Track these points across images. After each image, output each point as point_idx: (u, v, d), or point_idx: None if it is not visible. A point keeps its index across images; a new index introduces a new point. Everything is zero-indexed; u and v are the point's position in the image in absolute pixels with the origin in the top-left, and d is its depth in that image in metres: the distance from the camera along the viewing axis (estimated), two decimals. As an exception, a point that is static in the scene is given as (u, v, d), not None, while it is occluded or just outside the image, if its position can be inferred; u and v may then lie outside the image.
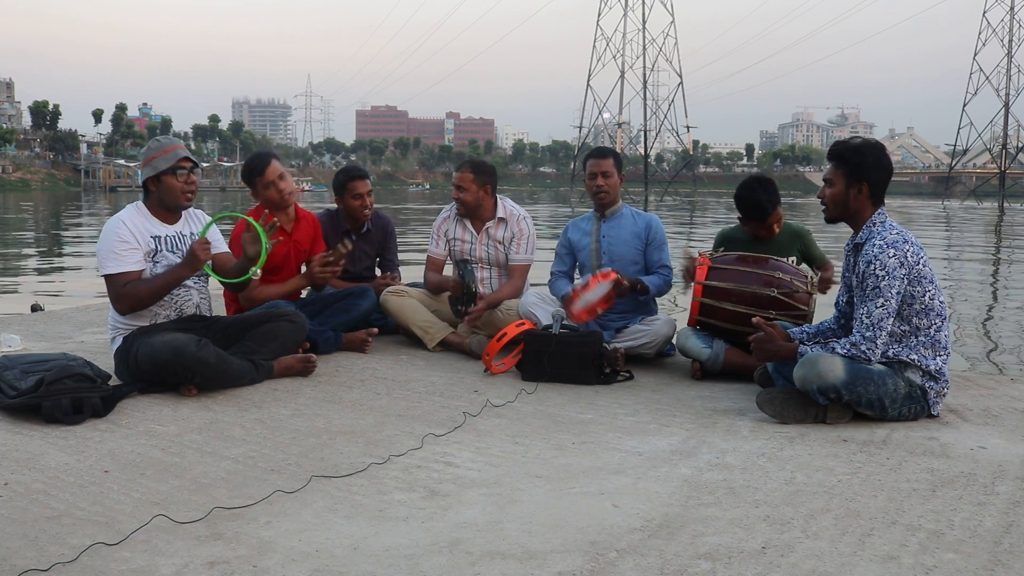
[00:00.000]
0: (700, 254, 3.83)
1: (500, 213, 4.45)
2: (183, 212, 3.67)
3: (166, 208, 3.58)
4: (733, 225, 4.19)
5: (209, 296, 3.82)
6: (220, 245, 3.77)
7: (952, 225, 32.74)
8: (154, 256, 3.51)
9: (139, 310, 3.48)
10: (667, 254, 4.21)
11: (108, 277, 3.44)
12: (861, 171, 3.05)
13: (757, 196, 3.88)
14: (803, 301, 3.62)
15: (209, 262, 3.55)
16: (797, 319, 3.58)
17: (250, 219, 3.53)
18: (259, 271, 3.56)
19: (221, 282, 3.74)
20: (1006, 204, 61.54)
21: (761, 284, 3.64)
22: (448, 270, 4.58)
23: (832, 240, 13.94)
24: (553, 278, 4.34)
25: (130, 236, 3.46)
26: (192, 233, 3.65)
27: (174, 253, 3.55)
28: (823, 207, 3.17)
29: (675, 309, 8.39)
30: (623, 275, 3.92)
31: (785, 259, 3.80)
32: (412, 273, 4.91)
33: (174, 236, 3.59)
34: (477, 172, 4.42)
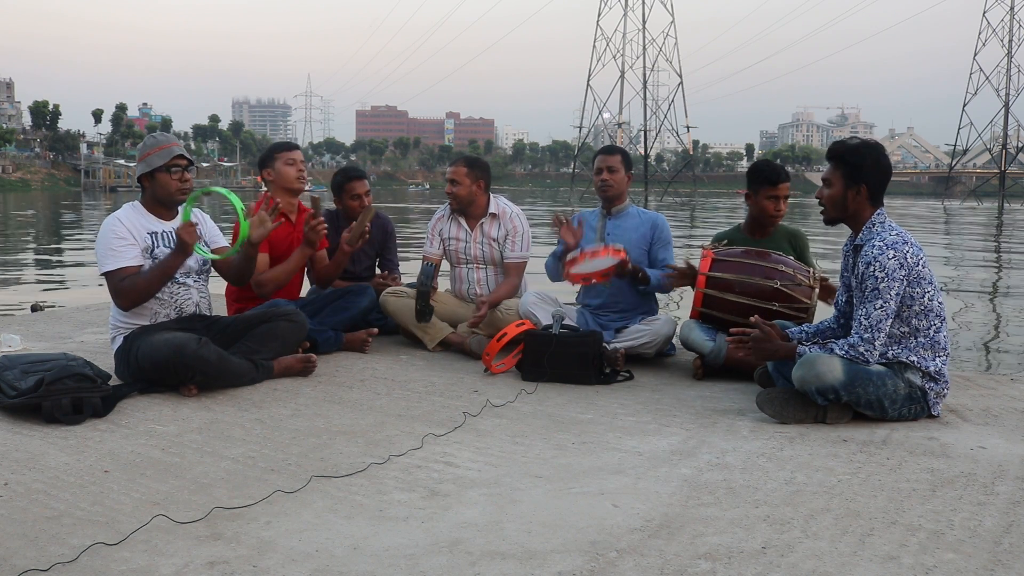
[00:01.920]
0: (704, 247, 3.85)
1: (492, 209, 4.46)
2: (179, 208, 3.67)
3: (161, 204, 3.59)
4: (730, 227, 4.21)
5: (209, 295, 3.82)
6: (219, 240, 3.78)
7: (952, 225, 32.73)
8: (152, 252, 3.52)
9: (140, 304, 3.48)
10: (671, 254, 4.22)
11: (107, 274, 3.45)
12: (860, 173, 3.05)
13: (770, 162, 4.14)
14: (805, 294, 3.63)
15: (203, 246, 3.55)
16: (799, 311, 3.59)
17: (229, 194, 3.55)
18: (245, 244, 3.56)
19: (216, 267, 3.71)
20: (1006, 204, 61.52)
21: (764, 276, 3.65)
22: (445, 267, 4.60)
23: (831, 241, 13.93)
24: (552, 258, 4.31)
25: (127, 233, 3.48)
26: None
27: (171, 248, 3.55)
28: (821, 208, 3.16)
29: (675, 310, 8.40)
30: (629, 258, 3.96)
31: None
32: (411, 273, 4.90)
33: (171, 232, 3.59)
34: (471, 166, 4.45)
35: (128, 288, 3.42)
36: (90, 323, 5.17)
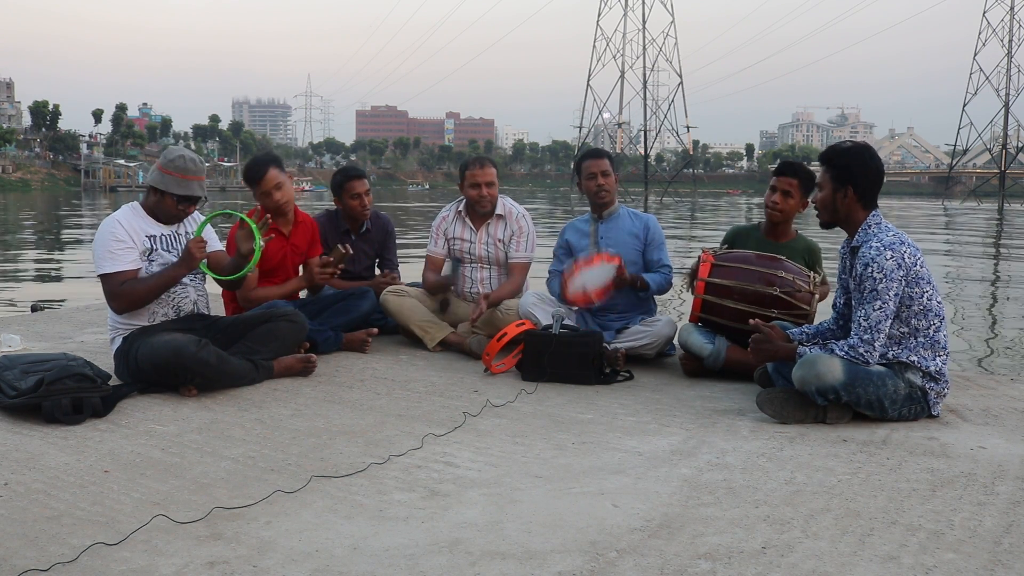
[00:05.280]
0: (704, 251, 3.84)
1: (499, 210, 4.46)
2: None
3: (158, 217, 3.59)
4: (748, 223, 4.21)
5: (207, 294, 3.82)
6: (216, 244, 3.77)
7: (952, 225, 32.74)
8: (150, 255, 3.52)
9: (135, 309, 3.48)
10: (666, 253, 4.23)
11: (104, 276, 3.44)
12: (846, 175, 3.06)
13: (797, 161, 4.10)
14: (805, 300, 3.62)
15: (205, 260, 3.55)
16: (799, 318, 3.58)
17: (244, 216, 3.53)
18: (255, 268, 3.56)
19: (217, 280, 3.74)
20: (1006, 204, 61.55)
21: (763, 283, 3.64)
22: (447, 268, 4.60)
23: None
24: (551, 277, 4.34)
25: (125, 235, 3.47)
26: (188, 232, 3.65)
27: (169, 252, 3.55)
28: (816, 212, 3.19)
29: (676, 310, 8.40)
30: (625, 268, 3.94)
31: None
32: (412, 272, 4.91)
33: (170, 235, 3.59)
34: (495, 165, 4.53)
35: (126, 293, 3.42)
36: (90, 323, 5.17)
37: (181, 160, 3.49)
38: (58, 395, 3.00)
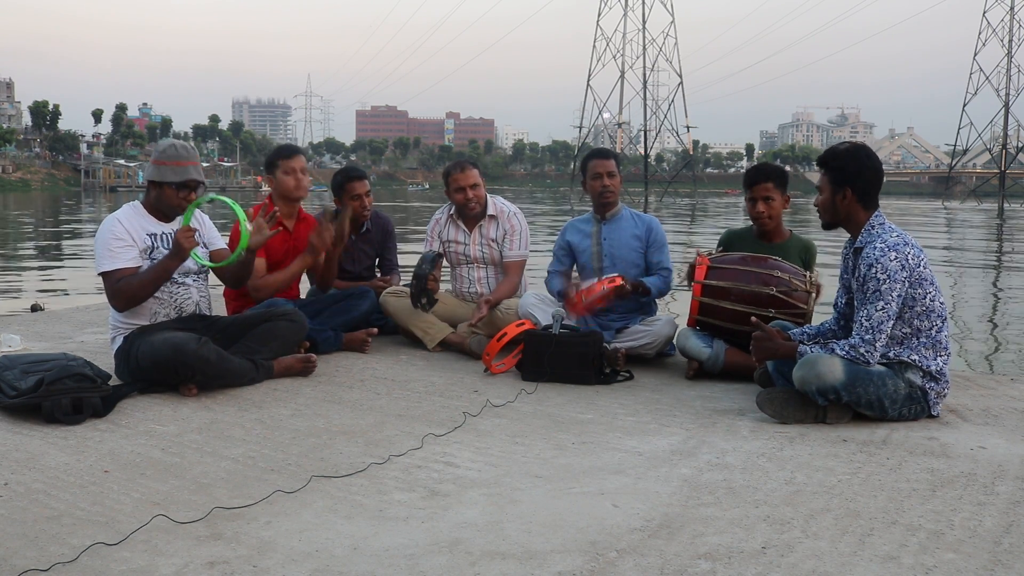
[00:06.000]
0: (699, 254, 3.84)
1: (490, 211, 4.47)
2: None
3: (160, 212, 3.60)
4: (743, 226, 4.21)
5: (209, 294, 3.82)
6: (218, 242, 3.78)
7: (952, 226, 32.73)
8: (151, 254, 3.52)
9: (135, 305, 3.48)
10: (667, 256, 4.22)
11: (104, 274, 3.45)
12: (843, 176, 3.08)
13: (757, 165, 4.05)
14: (802, 299, 3.62)
15: (202, 251, 3.55)
16: (796, 317, 3.58)
17: (226, 199, 3.55)
18: (244, 253, 3.55)
19: (217, 274, 3.73)
20: (1006, 204, 61.55)
21: (760, 283, 3.64)
22: (445, 267, 4.60)
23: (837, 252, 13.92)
24: (549, 276, 4.34)
25: (125, 234, 3.47)
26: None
27: (170, 250, 3.55)
28: (818, 214, 3.20)
29: (675, 308, 8.40)
30: (626, 278, 3.94)
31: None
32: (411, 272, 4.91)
33: (170, 234, 3.59)
34: (477, 166, 4.53)
35: (124, 289, 3.42)
36: (90, 323, 5.17)
37: (172, 148, 3.53)
38: (58, 395, 3.00)
